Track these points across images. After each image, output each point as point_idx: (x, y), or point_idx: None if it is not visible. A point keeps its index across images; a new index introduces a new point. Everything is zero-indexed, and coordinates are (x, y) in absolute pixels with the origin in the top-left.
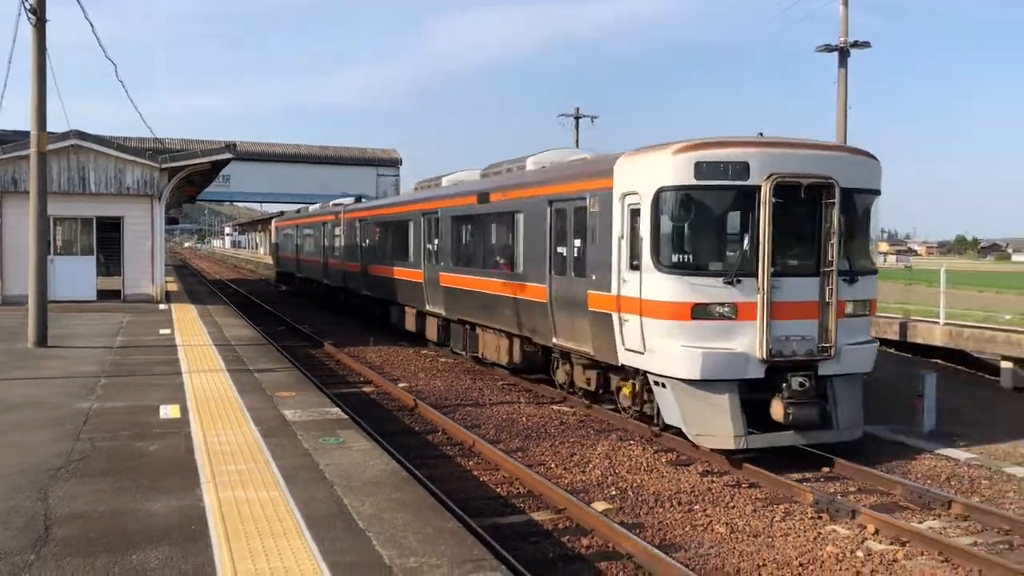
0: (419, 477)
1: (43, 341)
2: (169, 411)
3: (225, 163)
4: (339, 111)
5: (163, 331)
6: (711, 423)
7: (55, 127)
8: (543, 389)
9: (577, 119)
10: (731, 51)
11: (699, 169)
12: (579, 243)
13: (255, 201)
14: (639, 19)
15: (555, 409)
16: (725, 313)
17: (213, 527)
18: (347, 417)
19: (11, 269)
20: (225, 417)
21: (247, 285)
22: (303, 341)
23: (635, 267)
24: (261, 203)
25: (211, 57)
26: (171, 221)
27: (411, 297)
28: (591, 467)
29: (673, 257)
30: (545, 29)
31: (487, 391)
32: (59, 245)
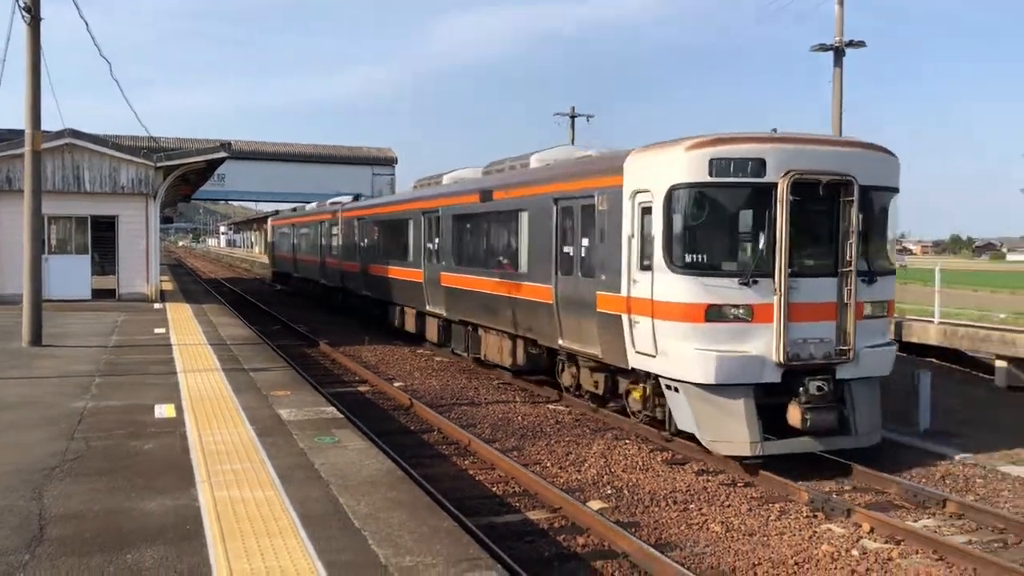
0: (415, 476)
1: (37, 340)
2: (164, 410)
3: (220, 162)
4: (336, 110)
5: (158, 330)
6: (726, 429)
7: (49, 125)
8: (539, 388)
9: (573, 118)
10: (731, 51)
11: (714, 166)
12: (587, 242)
13: (250, 200)
14: (638, 20)
15: (551, 408)
16: (740, 315)
17: (208, 526)
18: (342, 416)
19: (5, 268)
20: (220, 416)
21: (242, 284)
22: (298, 340)
23: (646, 267)
24: (256, 202)
25: (201, 54)
26: (166, 220)
27: (411, 297)
28: (587, 466)
29: (686, 257)
30: (541, 29)
31: (483, 390)
32: (54, 244)
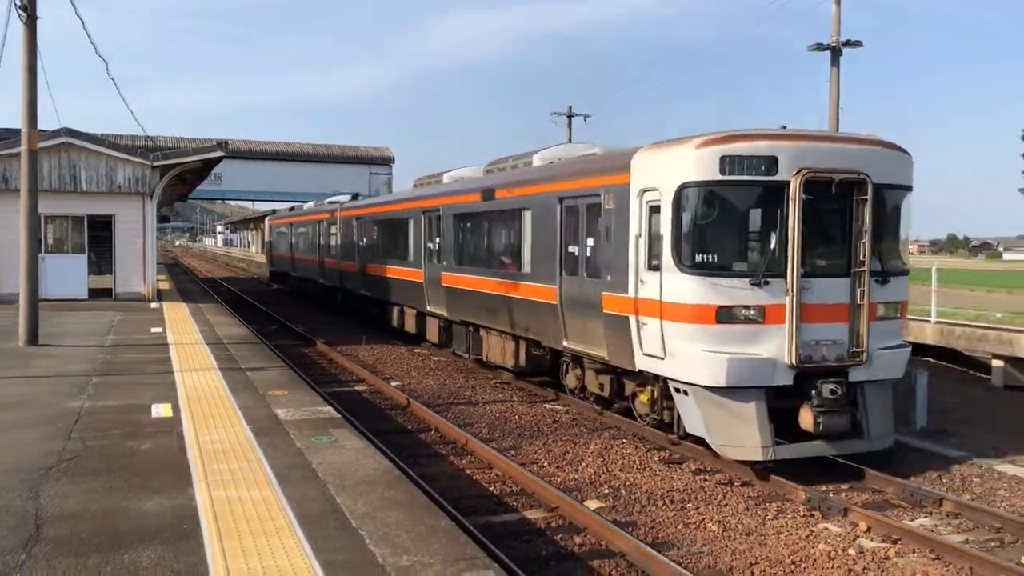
0: (412, 476)
1: (34, 340)
2: (161, 410)
3: (217, 161)
4: (333, 109)
5: (155, 329)
6: (737, 433)
7: (46, 124)
8: (537, 388)
9: (570, 117)
10: (731, 51)
11: (724, 164)
12: (592, 242)
13: (247, 199)
14: (636, 21)
15: (548, 408)
16: (752, 316)
17: (205, 526)
18: (340, 416)
19: (2, 267)
20: (217, 416)
21: (239, 284)
22: (296, 340)
23: (654, 267)
24: (253, 201)
25: (199, 53)
26: (163, 219)
27: (411, 297)
28: (584, 465)
29: (696, 257)
30: (541, 29)
31: (480, 389)
32: (50, 243)
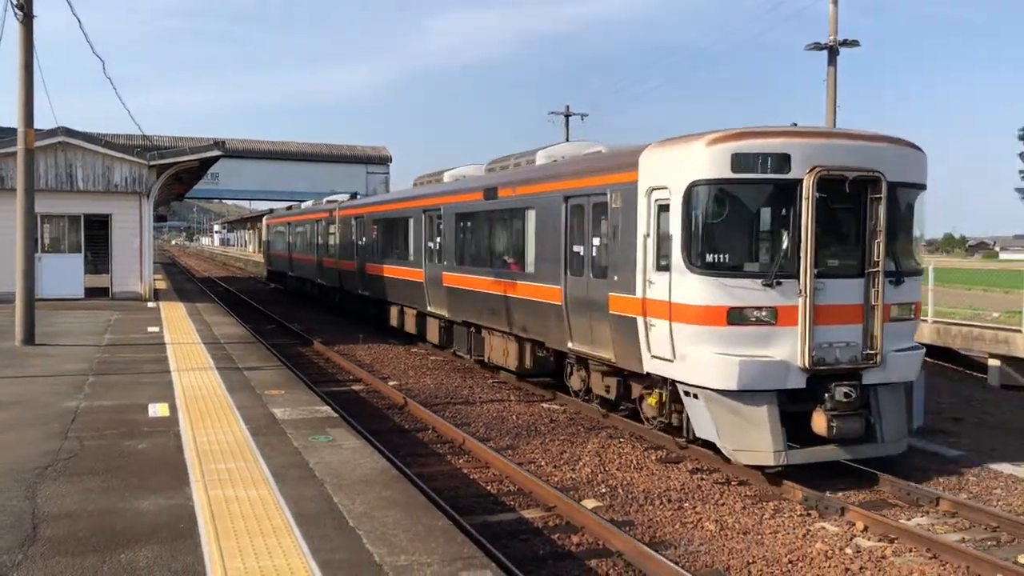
0: (409, 475)
1: (30, 339)
2: (158, 409)
3: (214, 161)
4: (332, 109)
5: (151, 329)
6: (748, 437)
7: (42, 123)
8: (534, 387)
9: (567, 117)
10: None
11: (736, 161)
12: (598, 241)
13: (244, 199)
14: (635, 20)
15: (545, 407)
16: (763, 318)
17: (202, 525)
18: (337, 415)
19: None
20: (214, 415)
21: (236, 283)
22: (293, 339)
23: (663, 268)
24: (250, 201)
25: (197, 52)
26: (159, 219)
27: (411, 298)
28: (581, 465)
29: (707, 257)
30: (540, 29)
31: (477, 389)
32: (47, 243)
